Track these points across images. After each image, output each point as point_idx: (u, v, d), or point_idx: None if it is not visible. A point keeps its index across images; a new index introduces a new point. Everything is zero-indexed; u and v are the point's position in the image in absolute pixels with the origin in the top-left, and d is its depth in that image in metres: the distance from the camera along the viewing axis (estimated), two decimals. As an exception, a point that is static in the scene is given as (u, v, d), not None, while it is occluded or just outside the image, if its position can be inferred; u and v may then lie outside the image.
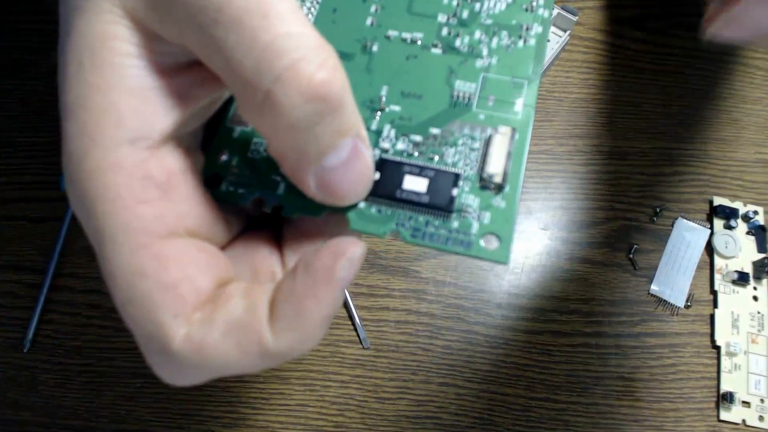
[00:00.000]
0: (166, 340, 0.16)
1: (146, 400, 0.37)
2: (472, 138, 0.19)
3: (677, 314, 0.39)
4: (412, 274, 0.40)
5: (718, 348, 0.38)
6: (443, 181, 0.18)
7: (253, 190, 0.19)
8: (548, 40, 0.42)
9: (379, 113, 0.20)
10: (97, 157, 0.16)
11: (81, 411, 0.37)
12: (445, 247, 0.17)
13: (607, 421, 0.37)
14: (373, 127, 0.19)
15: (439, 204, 0.18)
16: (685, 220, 0.41)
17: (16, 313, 0.38)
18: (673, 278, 0.39)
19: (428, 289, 0.39)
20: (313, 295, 0.16)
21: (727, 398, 0.36)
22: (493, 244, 0.18)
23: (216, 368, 0.16)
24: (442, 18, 0.21)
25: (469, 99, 0.20)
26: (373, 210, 0.18)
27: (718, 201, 0.41)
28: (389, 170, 0.18)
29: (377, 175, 0.18)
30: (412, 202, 0.18)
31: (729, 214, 0.40)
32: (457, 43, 0.21)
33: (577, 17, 0.41)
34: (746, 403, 0.37)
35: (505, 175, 0.18)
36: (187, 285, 0.16)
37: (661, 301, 0.39)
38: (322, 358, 0.38)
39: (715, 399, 0.37)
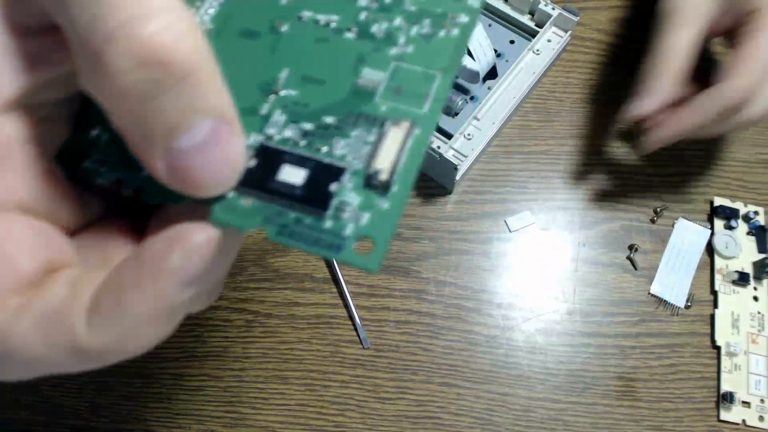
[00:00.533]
0: None
1: (146, 400, 0.37)
2: (368, 131, 0.17)
3: (677, 314, 0.39)
4: (413, 274, 0.40)
5: (718, 348, 0.38)
6: (323, 174, 0.16)
7: (116, 170, 0.17)
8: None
9: (272, 96, 0.18)
10: None
11: (81, 411, 0.37)
12: (311, 249, 0.16)
13: (607, 422, 0.37)
14: (263, 111, 0.18)
15: (312, 199, 0.16)
16: (685, 221, 0.40)
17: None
18: (674, 279, 0.39)
19: (429, 289, 0.39)
20: (137, 286, 0.14)
21: (727, 398, 0.36)
22: (366, 249, 0.16)
23: (25, 362, 0.15)
24: (363, 1, 0.19)
25: (374, 88, 0.18)
26: (243, 201, 0.16)
27: (718, 201, 0.41)
28: (267, 158, 0.17)
29: (253, 163, 0.16)
30: (285, 195, 0.16)
31: (730, 214, 0.40)
32: (374, 28, 0.19)
33: (578, 17, 0.41)
34: (746, 404, 0.37)
35: (392, 172, 0.16)
36: (3, 265, 0.15)
37: (661, 302, 0.39)
38: (322, 358, 0.38)
39: (715, 399, 0.37)
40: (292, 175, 0.16)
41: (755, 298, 0.39)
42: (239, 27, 0.19)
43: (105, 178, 0.17)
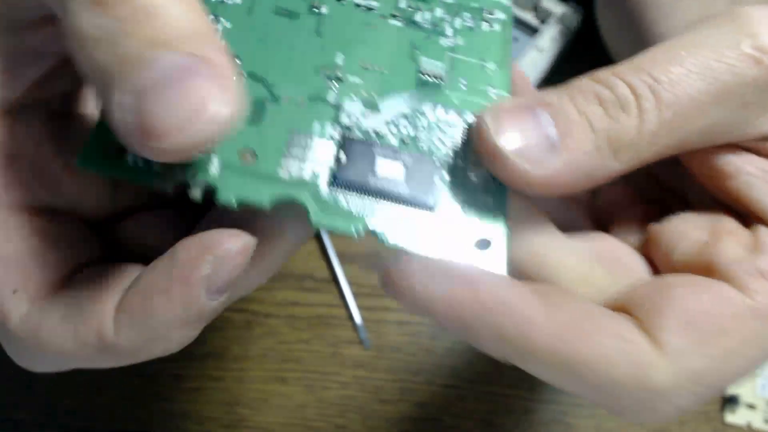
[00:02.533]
0: (3, 317, 0.14)
1: (146, 400, 0.37)
2: (449, 123, 0.17)
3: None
4: (414, 274, 0.39)
5: (723, 350, 0.38)
6: (423, 168, 0.16)
7: (170, 169, 0.14)
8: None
9: (336, 83, 0.17)
10: None
11: (80, 411, 0.36)
12: (430, 253, 0.15)
13: (610, 424, 0.36)
14: (331, 99, 0.16)
15: (420, 197, 0.15)
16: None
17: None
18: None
19: (430, 289, 0.39)
20: (165, 291, 0.13)
21: (732, 401, 0.36)
22: (486, 249, 0.15)
23: (55, 355, 0.15)
24: None
25: (439, 79, 0.17)
26: (341, 200, 0.15)
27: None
28: (357, 151, 0.15)
29: (343, 158, 0.15)
30: (388, 193, 0.15)
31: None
32: (418, 17, 0.18)
33: (580, 15, 0.41)
34: (752, 406, 0.36)
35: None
36: (34, 260, 0.15)
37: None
38: (322, 359, 0.37)
39: (719, 402, 0.37)
40: (391, 169, 0.15)
41: (761, 299, 0.38)
42: (272, 4, 0.18)
43: (164, 180, 0.14)
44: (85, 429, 0.36)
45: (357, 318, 0.38)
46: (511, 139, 0.15)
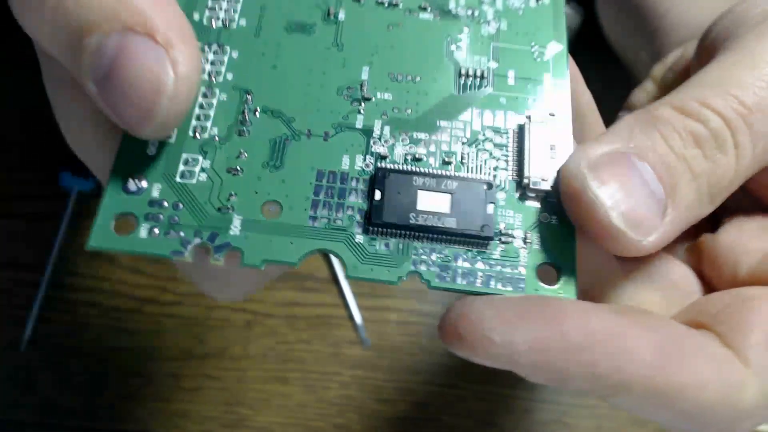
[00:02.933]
0: None
1: (145, 400, 0.36)
2: (496, 130, 0.14)
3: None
4: (414, 273, 0.39)
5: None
6: (471, 194, 0.13)
7: (187, 231, 0.13)
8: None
9: (363, 104, 0.15)
10: None
11: (79, 411, 0.36)
12: (487, 290, 0.13)
13: (611, 424, 0.36)
14: (359, 124, 0.14)
15: (471, 229, 0.13)
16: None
17: (13, 311, 0.38)
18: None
19: (430, 289, 0.39)
20: None
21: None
22: (552, 277, 0.13)
23: None
24: None
25: (482, 77, 0.15)
26: (379, 246, 0.13)
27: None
28: (394, 184, 0.13)
29: (378, 195, 0.13)
30: (433, 229, 0.13)
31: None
32: (451, 4, 0.16)
33: (583, 16, 0.41)
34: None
35: (550, 177, 0.14)
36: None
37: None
38: (322, 359, 0.37)
39: (719, 401, 0.37)
40: (433, 201, 0.13)
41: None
42: (282, 20, 0.15)
43: (180, 248, 0.13)
44: (85, 429, 0.36)
45: (357, 318, 0.38)
46: (614, 198, 0.13)
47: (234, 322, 0.38)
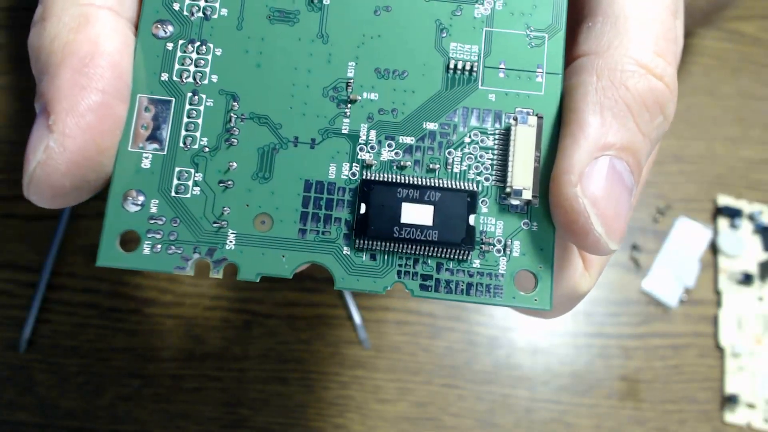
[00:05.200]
0: None
1: (144, 401, 0.36)
2: (483, 131, 0.14)
3: (680, 314, 0.38)
4: (413, 273, 0.39)
5: (722, 349, 0.38)
6: (454, 204, 0.13)
7: (186, 247, 0.14)
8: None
9: (349, 107, 0.14)
10: None
11: (78, 412, 0.36)
12: (467, 299, 0.14)
13: (610, 423, 0.36)
14: (345, 129, 0.14)
15: (453, 241, 0.13)
16: (686, 219, 0.40)
17: (12, 312, 0.38)
18: (669, 277, 0.39)
19: (429, 289, 0.39)
20: None
21: (731, 400, 0.36)
22: (530, 284, 0.13)
23: None
24: None
25: (471, 70, 0.14)
26: (365, 258, 0.13)
27: (722, 200, 0.40)
28: (378, 197, 0.13)
29: (363, 208, 0.13)
30: (416, 241, 0.13)
31: (733, 213, 0.40)
32: None
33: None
34: (751, 405, 0.36)
35: (535, 186, 0.13)
36: None
37: (652, 300, 0.39)
38: (322, 359, 0.37)
39: (719, 401, 0.37)
40: (417, 213, 0.13)
41: (760, 299, 0.38)
42: (264, 8, 0.15)
43: (182, 263, 0.14)
44: (84, 430, 0.36)
45: (357, 318, 0.38)
46: (599, 206, 0.13)
47: (234, 322, 0.38)
